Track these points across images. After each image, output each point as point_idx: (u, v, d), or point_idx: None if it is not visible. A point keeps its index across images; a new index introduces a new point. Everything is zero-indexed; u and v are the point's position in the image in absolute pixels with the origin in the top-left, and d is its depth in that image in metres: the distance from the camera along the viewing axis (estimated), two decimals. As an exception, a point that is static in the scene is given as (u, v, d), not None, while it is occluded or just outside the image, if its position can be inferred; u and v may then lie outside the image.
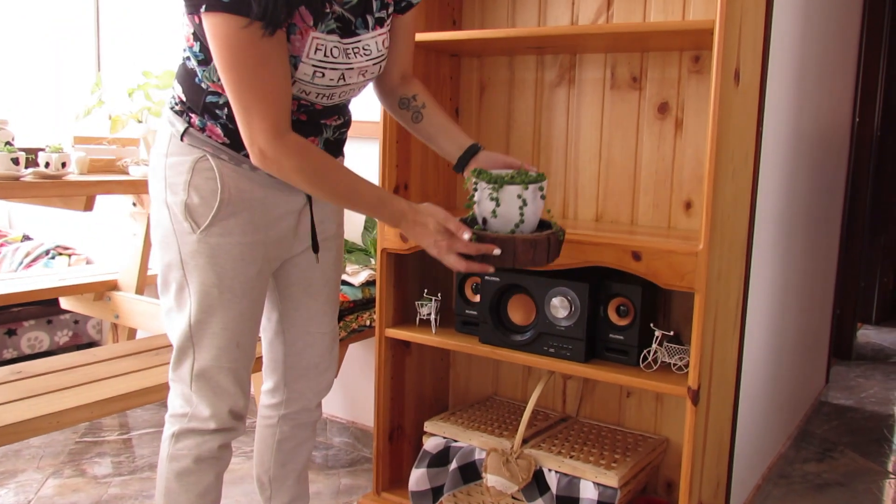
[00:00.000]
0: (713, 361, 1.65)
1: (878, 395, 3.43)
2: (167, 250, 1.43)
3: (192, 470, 1.50)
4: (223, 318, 1.44)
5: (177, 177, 1.41)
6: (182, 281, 1.42)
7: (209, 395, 1.47)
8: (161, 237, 1.43)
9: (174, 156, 1.41)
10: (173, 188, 1.40)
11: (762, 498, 2.31)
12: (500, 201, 1.41)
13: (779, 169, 2.20)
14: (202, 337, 1.44)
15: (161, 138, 1.45)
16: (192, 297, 1.42)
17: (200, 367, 1.45)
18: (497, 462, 1.81)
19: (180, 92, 1.42)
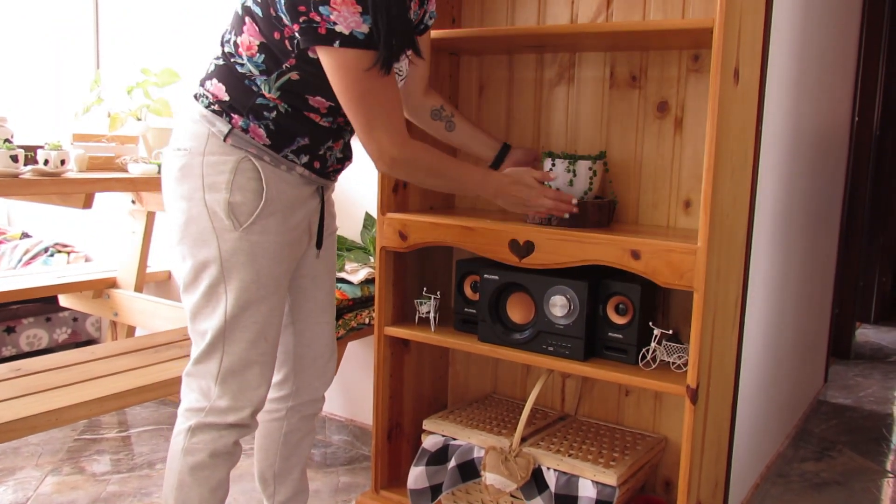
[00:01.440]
0: (712, 360, 1.65)
1: (877, 394, 3.43)
2: (203, 248, 1.45)
3: (206, 464, 1.52)
4: (255, 314, 1.49)
5: (218, 175, 1.44)
6: (218, 277, 1.46)
7: (234, 390, 1.50)
8: (196, 235, 1.45)
9: (215, 155, 1.45)
10: (214, 187, 1.44)
11: (760, 497, 2.31)
12: (576, 172, 1.75)
13: (778, 168, 2.20)
14: (234, 331, 1.48)
15: (195, 137, 1.46)
16: (229, 293, 1.46)
17: (230, 362, 1.49)
18: (496, 460, 1.81)
19: (222, 92, 1.46)
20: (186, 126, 1.49)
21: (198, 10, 2.89)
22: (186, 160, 1.46)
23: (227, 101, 1.46)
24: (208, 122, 1.46)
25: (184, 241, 1.47)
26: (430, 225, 1.87)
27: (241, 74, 1.45)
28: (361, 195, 2.50)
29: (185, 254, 1.48)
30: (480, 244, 1.79)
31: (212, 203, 1.44)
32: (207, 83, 1.49)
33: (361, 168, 2.49)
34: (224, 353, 1.49)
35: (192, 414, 1.52)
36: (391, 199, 1.95)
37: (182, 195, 1.47)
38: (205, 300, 1.48)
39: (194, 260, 1.47)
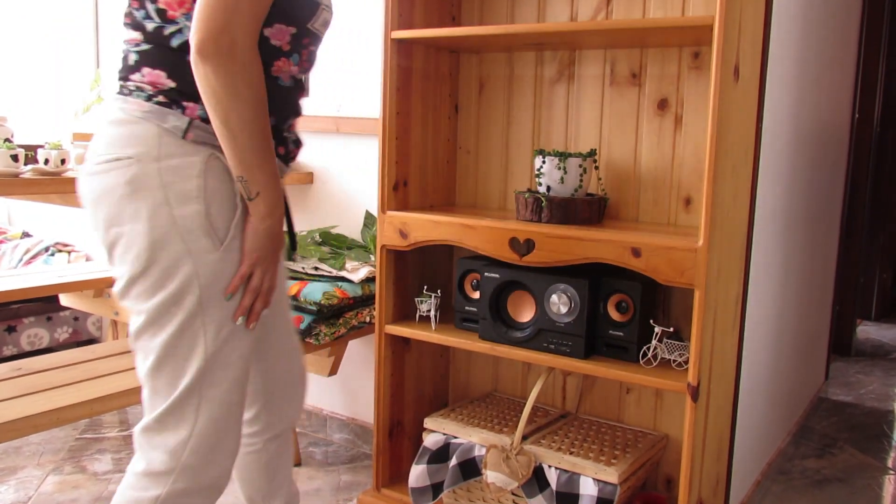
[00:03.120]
0: (713, 358, 1.65)
1: (878, 391, 3.43)
2: (175, 277, 1.19)
3: None
4: (238, 349, 1.26)
5: (185, 182, 1.19)
6: (195, 310, 1.21)
7: (213, 442, 1.26)
8: (166, 263, 1.19)
9: (174, 157, 1.19)
10: (183, 198, 1.19)
11: (761, 494, 2.31)
12: (566, 170, 1.75)
13: (778, 165, 2.20)
14: (213, 373, 1.24)
15: (140, 140, 1.19)
16: (207, 329, 1.22)
17: (210, 410, 1.24)
18: (497, 458, 1.81)
19: (162, 78, 1.20)
20: (121, 130, 1.20)
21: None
22: (137, 170, 1.18)
23: (174, 87, 1.20)
24: (157, 119, 1.19)
25: (148, 274, 1.19)
26: (430, 223, 1.87)
27: (178, 49, 1.20)
28: (362, 193, 2.50)
29: (148, 288, 1.20)
30: (481, 242, 1.79)
31: (183, 219, 1.18)
32: (135, 75, 1.22)
33: (362, 167, 2.50)
34: (201, 399, 1.23)
35: (157, 480, 1.23)
36: (391, 198, 1.95)
37: (137, 215, 1.18)
38: (175, 340, 1.21)
39: (165, 294, 1.19)
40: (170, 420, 1.23)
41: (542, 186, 1.82)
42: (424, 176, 2.07)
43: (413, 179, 2.03)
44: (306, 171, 2.61)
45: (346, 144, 2.52)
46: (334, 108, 2.54)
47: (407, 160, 2.00)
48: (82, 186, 1.24)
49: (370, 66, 2.44)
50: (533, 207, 1.78)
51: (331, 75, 2.54)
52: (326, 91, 2.55)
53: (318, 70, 2.58)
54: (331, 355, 2.33)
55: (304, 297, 2.11)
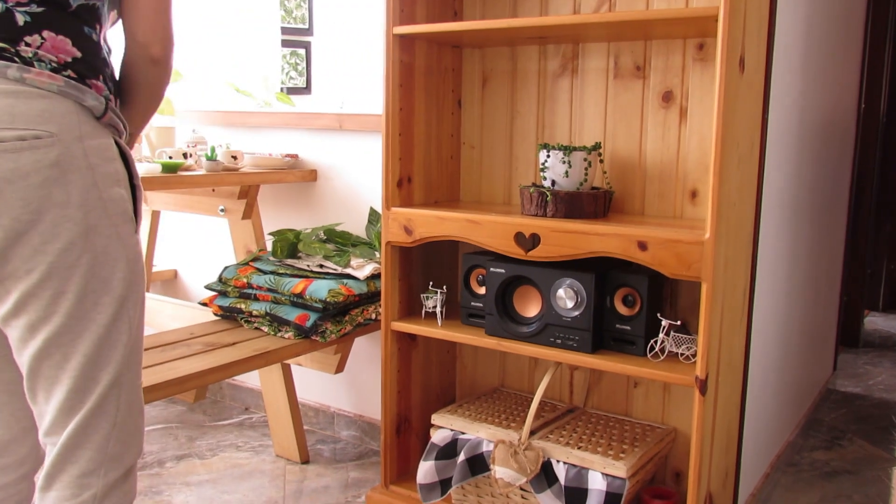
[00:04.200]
0: (720, 351, 1.64)
1: (886, 382, 3.42)
2: (105, 265, 1.14)
3: None
4: (141, 329, 1.24)
5: (109, 165, 1.14)
6: (124, 296, 1.18)
7: (131, 428, 1.24)
8: (101, 250, 1.13)
9: (94, 138, 1.12)
10: (109, 180, 1.13)
11: (770, 486, 2.31)
12: (571, 164, 1.74)
13: (785, 157, 2.19)
14: (133, 355, 1.22)
15: (56, 116, 1.08)
16: (132, 313, 1.19)
17: (128, 395, 1.22)
18: (505, 454, 1.81)
19: (68, 47, 1.12)
20: (31, 103, 1.06)
21: (198, 9, 2.89)
22: (61, 150, 1.07)
23: (80, 57, 1.13)
24: (74, 93, 1.10)
25: (78, 265, 1.11)
26: (435, 219, 1.87)
27: (77, 16, 1.14)
28: (366, 190, 2.50)
29: (74, 282, 1.11)
30: (486, 237, 1.79)
31: (111, 203, 1.14)
32: (29, 38, 1.08)
33: (366, 163, 2.49)
34: (121, 389, 1.20)
35: (89, 479, 1.19)
36: (396, 194, 1.95)
37: (67, 202, 1.09)
38: (107, 332, 1.16)
39: (97, 283, 1.14)
40: (93, 419, 1.18)
41: (547, 181, 1.81)
42: (428, 172, 2.06)
43: (417, 175, 2.02)
44: (310, 168, 2.61)
45: (349, 141, 2.52)
46: (337, 105, 2.54)
47: (410, 156, 1.99)
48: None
49: (372, 62, 2.43)
50: (538, 202, 1.78)
51: (333, 72, 2.54)
52: (329, 88, 2.55)
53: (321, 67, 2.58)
54: (337, 353, 2.32)
55: (310, 294, 2.11)
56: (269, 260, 2.34)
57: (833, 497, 2.29)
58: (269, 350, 2.06)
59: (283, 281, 2.17)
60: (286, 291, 2.15)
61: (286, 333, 2.14)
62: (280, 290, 2.16)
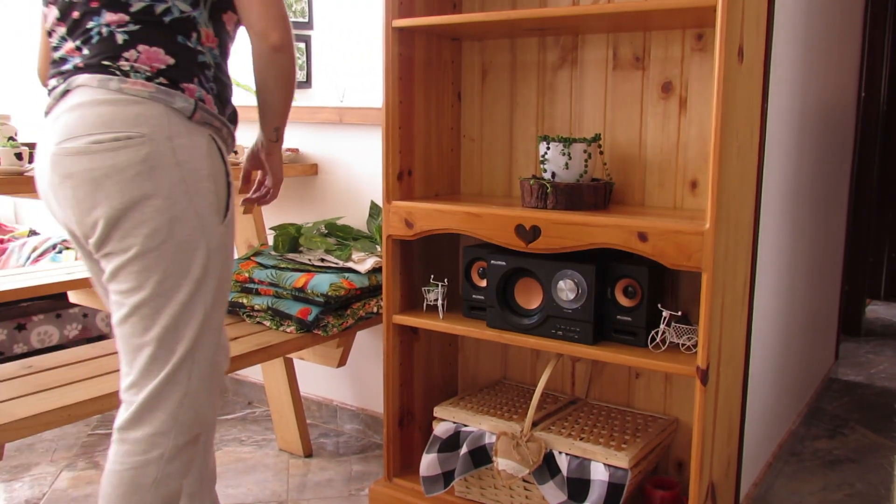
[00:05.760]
0: (722, 341, 1.64)
1: (888, 370, 3.42)
2: (188, 252, 1.29)
3: (176, 492, 1.36)
4: (220, 312, 1.38)
5: (197, 162, 1.28)
6: (201, 281, 1.31)
7: (202, 400, 1.38)
8: (183, 239, 1.28)
9: (183, 137, 1.27)
10: (196, 176, 1.28)
11: (773, 476, 2.31)
12: (571, 155, 1.73)
13: (785, 146, 2.19)
14: (206, 335, 1.35)
15: (146, 120, 1.24)
16: (207, 296, 1.33)
17: (200, 370, 1.36)
18: (507, 446, 1.81)
19: (160, 56, 1.27)
20: (126, 109, 1.24)
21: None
22: (151, 149, 1.24)
23: (174, 66, 1.27)
24: (165, 99, 1.25)
25: (163, 248, 1.27)
26: (435, 212, 1.87)
27: (170, 28, 1.28)
28: (367, 184, 2.50)
29: (159, 262, 1.28)
30: (487, 230, 1.79)
31: (197, 196, 1.28)
32: (128, 53, 1.26)
33: (366, 157, 2.49)
34: (193, 362, 1.34)
35: (159, 440, 1.33)
36: (396, 187, 1.95)
37: (154, 193, 1.25)
38: (182, 309, 1.31)
39: (177, 267, 1.29)
40: (168, 385, 1.33)
41: (547, 173, 1.81)
42: (429, 165, 2.06)
43: (417, 168, 2.02)
44: (311, 162, 2.61)
45: (349, 135, 2.52)
46: (337, 98, 2.54)
47: (411, 149, 1.99)
48: (72, 164, 1.25)
49: (372, 55, 2.43)
50: (538, 194, 1.78)
51: (333, 66, 2.53)
52: (329, 82, 2.55)
53: (321, 61, 2.58)
54: (339, 346, 2.33)
55: (312, 288, 2.11)
56: (271, 254, 2.35)
57: (835, 485, 2.29)
58: (272, 344, 2.07)
59: (285, 275, 2.18)
60: (288, 286, 2.16)
61: (288, 328, 2.15)
62: (282, 284, 2.16)
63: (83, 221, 1.29)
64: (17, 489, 2.24)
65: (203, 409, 1.39)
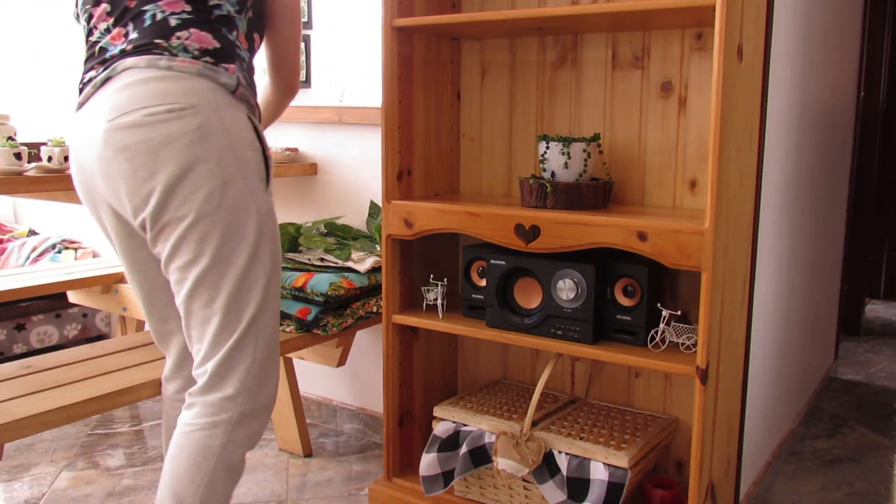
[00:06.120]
0: (721, 340, 1.64)
1: (888, 369, 3.42)
2: (242, 213, 1.35)
3: (240, 460, 1.42)
4: (278, 281, 1.45)
5: (242, 132, 1.37)
6: (256, 244, 1.38)
7: (266, 368, 1.43)
8: (235, 200, 1.35)
9: (228, 109, 1.35)
10: (241, 144, 1.36)
11: (773, 475, 2.31)
12: (570, 155, 1.73)
13: (784, 145, 2.19)
14: (268, 303, 1.41)
15: (195, 92, 1.33)
16: (266, 262, 1.40)
17: (266, 338, 1.42)
18: (507, 445, 1.81)
19: (209, 40, 1.38)
20: (176, 84, 1.33)
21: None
22: (202, 118, 1.32)
23: (218, 49, 1.38)
24: (210, 74, 1.35)
25: (219, 210, 1.34)
26: (435, 211, 1.87)
27: (218, 21, 1.40)
28: (366, 184, 2.50)
29: (216, 227, 1.34)
30: (486, 230, 1.79)
31: (245, 161, 1.36)
32: (179, 33, 1.36)
33: (366, 157, 2.49)
34: (259, 329, 1.40)
35: (228, 403, 1.39)
36: (396, 187, 1.95)
37: (208, 158, 1.32)
38: (244, 274, 1.37)
39: (234, 230, 1.35)
40: (237, 352, 1.39)
41: (547, 172, 1.81)
42: (428, 164, 2.06)
43: (417, 168, 2.02)
44: (310, 162, 2.61)
45: (349, 135, 2.52)
46: (336, 98, 2.53)
47: (410, 149, 1.99)
48: (128, 136, 1.31)
49: (371, 55, 2.43)
50: (538, 193, 1.78)
51: (332, 65, 2.53)
52: (328, 81, 2.55)
53: (320, 61, 2.57)
54: (339, 346, 2.33)
55: (311, 288, 2.11)
56: (270, 254, 2.34)
57: (835, 485, 2.29)
58: (271, 344, 2.06)
59: (284, 275, 2.18)
60: (287, 285, 2.15)
61: (288, 327, 2.15)
62: (281, 283, 2.16)
63: (138, 192, 1.33)
64: (17, 489, 2.24)
65: (268, 378, 1.44)
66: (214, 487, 1.37)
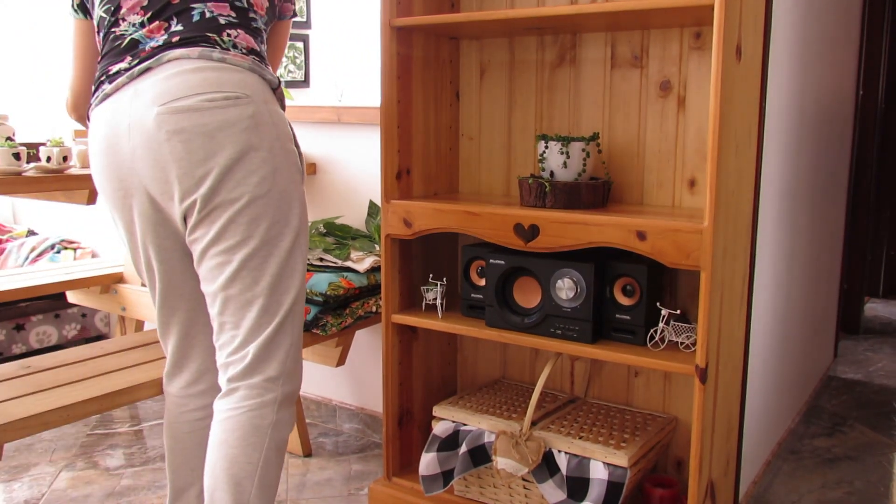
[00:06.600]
0: (720, 339, 1.64)
1: (887, 368, 3.42)
2: (288, 201, 1.43)
3: (286, 440, 1.48)
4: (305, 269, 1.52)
5: (284, 126, 1.45)
6: (298, 232, 1.44)
7: (297, 352, 1.51)
8: (283, 187, 1.42)
9: (274, 104, 1.45)
10: (285, 137, 1.44)
11: (772, 474, 2.31)
12: (569, 154, 1.73)
13: (783, 144, 2.19)
14: (303, 289, 1.49)
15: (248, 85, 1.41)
16: (304, 248, 1.47)
17: (298, 322, 1.50)
18: (506, 444, 1.81)
19: (253, 42, 1.49)
20: (231, 75, 1.41)
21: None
22: (255, 108, 1.40)
23: (258, 51, 1.50)
24: (259, 70, 1.45)
25: (270, 195, 1.40)
26: (434, 211, 1.87)
27: (255, 31, 1.52)
28: (365, 183, 2.50)
29: (267, 210, 1.40)
30: (485, 229, 1.79)
31: (289, 153, 1.43)
32: (230, 31, 1.46)
33: (365, 156, 2.49)
34: (295, 314, 1.47)
35: (272, 384, 1.45)
36: (395, 187, 1.95)
37: (261, 145, 1.39)
38: (287, 258, 1.43)
39: (280, 214, 1.42)
40: (278, 335, 1.44)
41: (546, 172, 1.81)
42: (427, 164, 2.06)
43: (416, 168, 2.02)
44: (309, 161, 2.61)
45: (348, 134, 2.52)
46: (335, 97, 2.54)
47: (409, 148, 1.99)
48: (185, 120, 1.36)
49: (370, 54, 2.43)
50: (537, 193, 1.78)
51: (331, 65, 2.53)
52: (327, 81, 2.55)
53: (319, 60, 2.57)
54: (338, 346, 2.33)
55: (310, 288, 2.11)
56: (269, 254, 2.34)
57: (834, 483, 2.30)
58: (271, 344, 2.06)
59: (284, 275, 2.17)
60: (286, 285, 2.15)
61: (287, 327, 2.15)
62: (280, 284, 2.16)
63: (191, 174, 1.37)
64: (17, 489, 2.24)
65: (300, 363, 1.51)
66: (269, 468, 1.42)
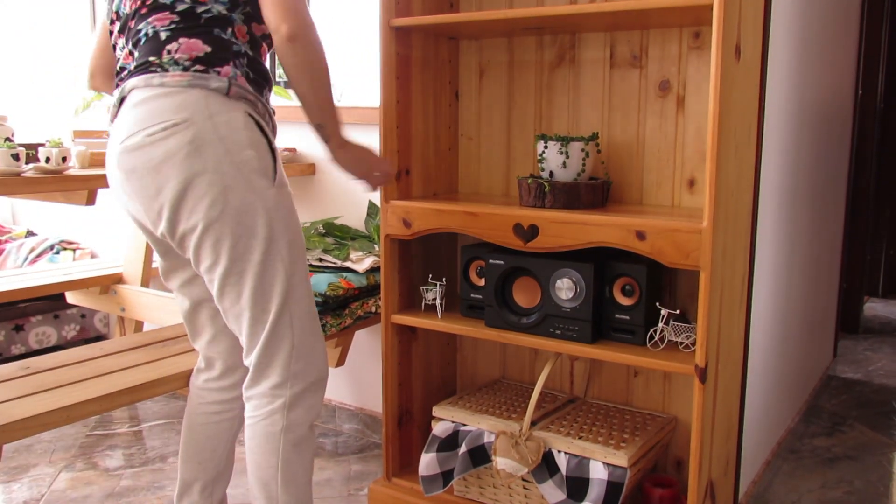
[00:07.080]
0: (720, 339, 1.64)
1: (886, 367, 3.43)
2: (249, 215, 1.40)
3: (306, 436, 1.54)
4: (304, 266, 1.51)
5: (236, 134, 1.39)
6: (269, 240, 1.43)
7: (309, 347, 1.51)
8: (239, 205, 1.39)
9: (222, 114, 1.38)
10: (238, 147, 1.39)
11: (772, 473, 2.31)
12: (568, 154, 1.74)
13: (782, 143, 2.19)
14: (295, 290, 1.48)
15: (186, 106, 1.36)
16: (282, 253, 1.45)
17: (300, 322, 1.49)
18: (506, 445, 1.81)
19: (199, 46, 1.40)
20: (168, 101, 1.37)
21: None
22: (195, 131, 1.36)
23: (210, 53, 1.40)
24: (200, 83, 1.38)
25: (224, 215, 1.38)
26: (433, 211, 1.87)
27: (207, 23, 1.41)
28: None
29: (226, 230, 1.39)
30: (485, 229, 1.79)
31: (242, 164, 1.39)
32: (170, 46, 1.40)
33: (363, 156, 2.48)
34: (292, 315, 1.48)
35: (279, 390, 1.50)
36: (394, 187, 1.95)
37: (204, 169, 1.37)
38: (261, 269, 1.43)
39: (242, 230, 1.40)
40: (273, 340, 1.47)
41: (545, 172, 1.81)
42: (426, 164, 2.06)
43: (415, 168, 2.02)
44: (308, 161, 2.61)
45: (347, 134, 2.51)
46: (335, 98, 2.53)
47: (408, 149, 1.99)
48: (134, 159, 1.39)
49: (369, 55, 2.43)
50: (536, 193, 1.78)
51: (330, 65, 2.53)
52: (326, 81, 2.55)
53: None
54: (338, 346, 2.33)
55: (310, 288, 2.11)
56: (269, 254, 2.34)
57: (834, 483, 2.30)
58: (270, 344, 2.06)
59: (283, 275, 2.17)
60: (286, 286, 2.15)
61: (286, 327, 2.14)
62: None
63: (151, 208, 1.42)
64: (16, 490, 2.24)
65: (313, 357, 1.53)
66: (290, 464, 1.51)
